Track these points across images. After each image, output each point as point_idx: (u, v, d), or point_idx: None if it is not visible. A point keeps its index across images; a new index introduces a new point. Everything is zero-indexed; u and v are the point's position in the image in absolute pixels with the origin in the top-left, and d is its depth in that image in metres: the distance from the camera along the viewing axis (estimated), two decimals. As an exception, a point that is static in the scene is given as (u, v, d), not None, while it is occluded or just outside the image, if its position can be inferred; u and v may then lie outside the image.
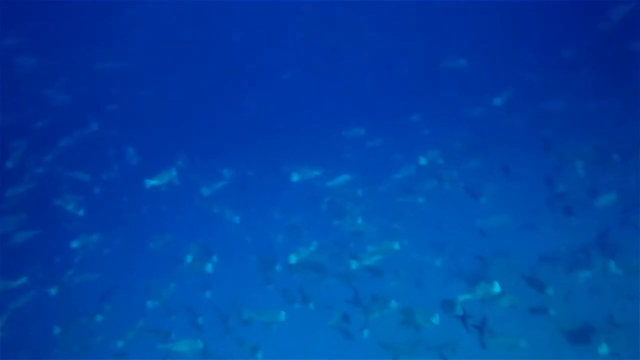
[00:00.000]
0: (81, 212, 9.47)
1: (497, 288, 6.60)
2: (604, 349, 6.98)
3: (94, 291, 10.77)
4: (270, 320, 8.18)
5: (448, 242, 11.30)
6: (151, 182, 8.59)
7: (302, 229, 11.72)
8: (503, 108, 11.22)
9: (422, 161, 10.17)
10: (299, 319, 9.36)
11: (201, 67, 17.70)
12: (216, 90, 17.54)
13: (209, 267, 8.93)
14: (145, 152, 12.65)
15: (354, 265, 7.87)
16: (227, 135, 16.23)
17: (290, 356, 9.92)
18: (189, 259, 9.29)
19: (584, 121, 13.39)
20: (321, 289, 9.63)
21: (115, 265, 12.18)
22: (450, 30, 17.57)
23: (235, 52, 18.76)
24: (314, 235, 10.16)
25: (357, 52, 18.23)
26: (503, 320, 8.45)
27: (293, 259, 8.23)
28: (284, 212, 12.83)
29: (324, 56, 18.47)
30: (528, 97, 13.32)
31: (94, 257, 11.27)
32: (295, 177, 9.67)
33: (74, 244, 9.65)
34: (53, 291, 9.04)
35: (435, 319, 6.99)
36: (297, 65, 17.24)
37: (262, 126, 16.71)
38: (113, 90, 14.53)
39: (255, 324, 8.98)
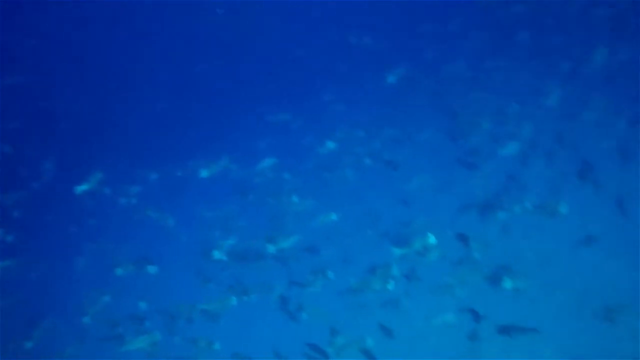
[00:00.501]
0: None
1: (432, 239, 7.14)
2: (507, 284, 7.76)
3: (20, 318, 10.32)
4: (223, 307, 8.29)
5: (376, 211, 11.87)
6: (81, 188, 8.38)
7: (235, 219, 11.83)
8: (404, 81, 11.86)
9: (331, 144, 10.66)
10: (246, 308, 9.53)
11: (107, 69, 17.05)
12: (125, 91, 16.99)
13: (152, 269, 8.87)
14: (63, 164, 12.14)
15: (270, 249, 8.08)
16: (146, 137, 15.84)
17: (243, 345, 10.08)
18: (119, 271, 9.14)
19: (483, 82, 14.47)
20: (262, 275, 9.92)
21: (44, 288, 11.68)
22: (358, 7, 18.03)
23: (143, 50, 18.23)
24: (250, 224, 10.42)
25: (266, 41, 18.34)
26: (434, 270, 9.12)
27: (217, 255, 8.35)
28: (215, 206, 12.82)
29: (233, 47, 18.41)
30: (428, 66, 14.18)
31: (16, 282, 10.77)
32: (204, 173, 9.69)
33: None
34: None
35: (391, 285, 7.46)
36: (209, 57, 17.10)
37: (177, 123, 16.47)
38: (11, 106, 13.71)
39: (200, 321, 9.10)
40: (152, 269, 9.29)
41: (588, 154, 11.86)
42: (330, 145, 11.97)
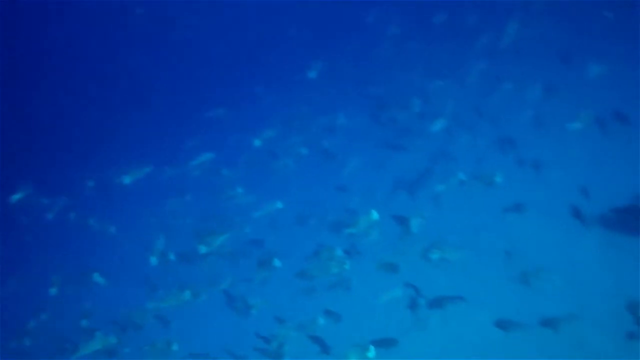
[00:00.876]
0: None
1: (375, 215, 7.50)
2: (435, 255, 8.27)
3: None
4: (178, 301, 8.31)
5: (317, 199, 12.15)
6: (15, 197, 8.14)
7: (176, 219, 11.77)
8: (328, 71, 12.12)
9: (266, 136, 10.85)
10: (196, 307, 9.56)
11: (30, 76, 16.26)
12: (48, 97, 16.32)
13: (99, 279, 8.74)
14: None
15: (203, 249, 8.17)
16: (77, 143, 15.33)
17: (197, 345, 10.12)
18: (52, 291, 8.98)
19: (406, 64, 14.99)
20: (209, 272, 9.99)
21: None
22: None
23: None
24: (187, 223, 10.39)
25: (189, 38, 18.09)
26: (377, 245, 9.60)
27: (153, 261, 8.36)
28: (152, 209, 12.68)
29: (155, 47, 18.03)
30: (351, 54, 14.53)
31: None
32: (126, 180, 9.60)
33: None
34: None
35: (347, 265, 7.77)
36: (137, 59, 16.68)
37: (108, 128, 16.05)
38: None
39: (151, 326, 9.08)
40: (99, 279, 9.13)
41: (507, 124, 12.70)
42: (266, 136, 12.12)
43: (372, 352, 6.57)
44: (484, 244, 9.82)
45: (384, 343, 7.67)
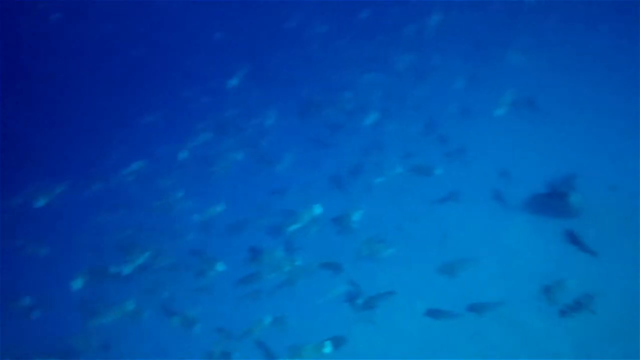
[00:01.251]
0: None
1: (318, 209, 7.61)
2: (368, 252, 8.56)
3: None
4: (121, 312, 8.09)
5: (253, 203, 12.09)
6: None
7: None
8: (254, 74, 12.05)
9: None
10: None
11: None
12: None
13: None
14: None
15: (126, 269, 8.04)
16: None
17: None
18: None
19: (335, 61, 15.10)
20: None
21: None
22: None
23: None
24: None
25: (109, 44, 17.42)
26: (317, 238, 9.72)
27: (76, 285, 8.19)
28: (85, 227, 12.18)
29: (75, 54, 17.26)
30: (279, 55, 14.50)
31: None
32: (40, 202, 9.27)
33: None
34: None
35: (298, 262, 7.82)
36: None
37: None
38: None
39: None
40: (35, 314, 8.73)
41: (433, 113, 13.11)
42: (197, 142, 11.93)
43: (327, 347, 6.71)
44: (419, 235, 10.17)
45: (333, 342, 7.79)
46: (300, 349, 6.83)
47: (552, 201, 9.79)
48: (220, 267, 8.65)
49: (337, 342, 7.77)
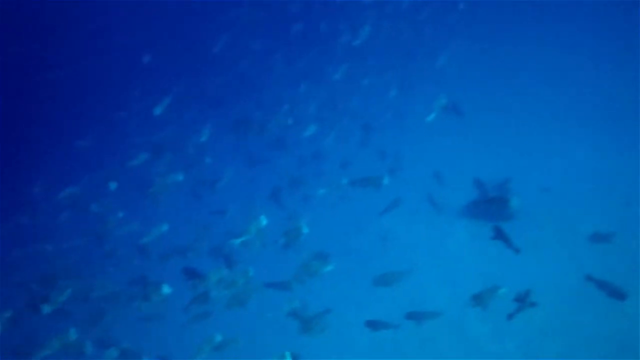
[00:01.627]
0: None
1: (264, 220, 7.62)
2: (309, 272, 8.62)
3: None
4: (64, 343, 7.65)
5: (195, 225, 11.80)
6: None
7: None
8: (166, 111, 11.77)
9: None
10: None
11: None
12: None
13: None
14: None
15: (46, 309, 7.76)
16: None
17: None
18: None
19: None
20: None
21: None
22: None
23: None
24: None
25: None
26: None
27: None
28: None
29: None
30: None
31: None
32: None
33: None
34: None
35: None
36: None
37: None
38: None
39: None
40: None
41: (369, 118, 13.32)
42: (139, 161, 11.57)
43: (288, 357, 6.65)
44: (361, 246, 10.28)
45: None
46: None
47: (492, 206, 10.08)
48: (166, 289, 8.34)
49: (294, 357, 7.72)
